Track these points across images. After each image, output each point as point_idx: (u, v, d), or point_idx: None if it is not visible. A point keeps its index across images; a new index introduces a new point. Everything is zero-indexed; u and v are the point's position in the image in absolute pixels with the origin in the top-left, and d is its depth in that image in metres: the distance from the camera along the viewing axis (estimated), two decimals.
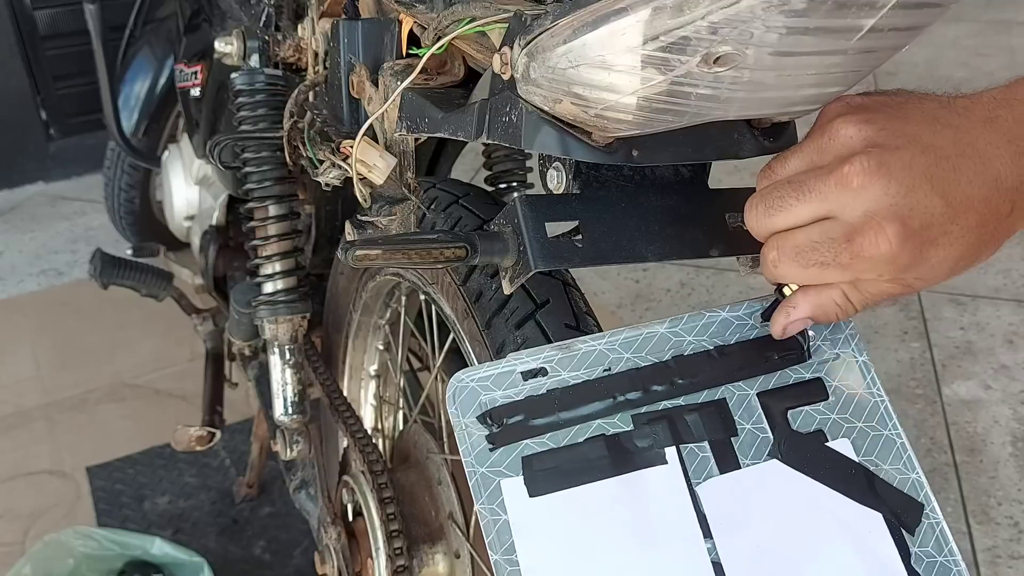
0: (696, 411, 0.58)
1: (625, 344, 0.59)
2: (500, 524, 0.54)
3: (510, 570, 0.53)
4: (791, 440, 0.58)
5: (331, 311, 1.19)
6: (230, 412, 1.50)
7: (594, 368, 0.58)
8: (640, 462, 0.56)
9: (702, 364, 0.59)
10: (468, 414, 0.56)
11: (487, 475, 0.55)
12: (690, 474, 0.56)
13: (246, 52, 1.05)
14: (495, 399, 0.56)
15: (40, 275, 2.50)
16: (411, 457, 1.05)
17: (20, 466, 1.80)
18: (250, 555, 1.60)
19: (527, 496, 0.54)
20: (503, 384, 0.57)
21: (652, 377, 0.58)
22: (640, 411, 0.57)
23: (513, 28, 0.56)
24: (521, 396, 0.57)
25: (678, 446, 0.57)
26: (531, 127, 0.57)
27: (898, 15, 0.47)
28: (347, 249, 0.63)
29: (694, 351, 0.60)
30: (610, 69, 0.49)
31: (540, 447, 0.55)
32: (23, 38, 2.65)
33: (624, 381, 0.58)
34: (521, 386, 0.57)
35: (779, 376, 0.60)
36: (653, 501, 0.55)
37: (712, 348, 0.60)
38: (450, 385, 0.57)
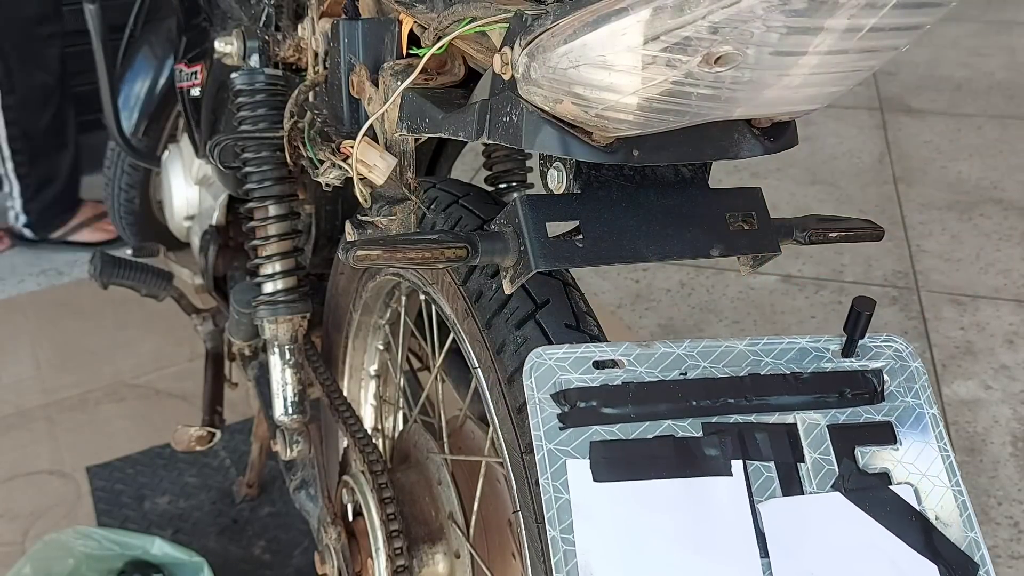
0: (766, 431, 0.58)
1: (703, 353, 0.60)
2: (561, 502, 0.54)
3: (566, 548, 0.53)
4: (856, 477, 0.58)
5: (331, 311, 1.19)
6: (230, 412, 1.50)
7: (670, 371, 0.59)
8: (706, 469, 0.57)
9: (777, 386, 0.60)
10: (543, 390, 0.57)
11: (554, 452, 0.55)
12: (753, 490, 0.57)
13: (246, 52, 1.05)
14: (570, 381, 0.57)
15: (40, 275, 2.50)
16: (411, 457, 1.05)
17: (20, 466, 1.80)
18: (250, 555, 1.60)
19: (591, 480, 0.55)
20: (579, 368, 0.58)
21: (727, 389, 0.59)
22: (711, 420, 0.58)
23: (514, 28, 0.56)
24: (596, 383, 0.58)
25: (744, 461, 0.57)
26: (532, 127, 0.57)
27: (898, 15, 0.47)
28: (347, 249, 0.63)
29: (771, 372, 0.60)
30: (611, 69, 0.49)
31: (609, 435, 0.56)
32: None
33: (699, 388, 0.59)
34: (597, 373, 0.58)
35: (850, 413, 0.60)
36: (714, 509, 0.56)
37: (788, 373, 0.60)
38: (528, 360, 0.58)
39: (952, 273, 2.38)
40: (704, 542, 0.55)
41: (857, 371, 0.61)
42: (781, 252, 0.68)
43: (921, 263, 2.43)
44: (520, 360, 0.72)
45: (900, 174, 2.93)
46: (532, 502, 0.71)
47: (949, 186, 2.84)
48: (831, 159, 3.04)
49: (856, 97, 3.49)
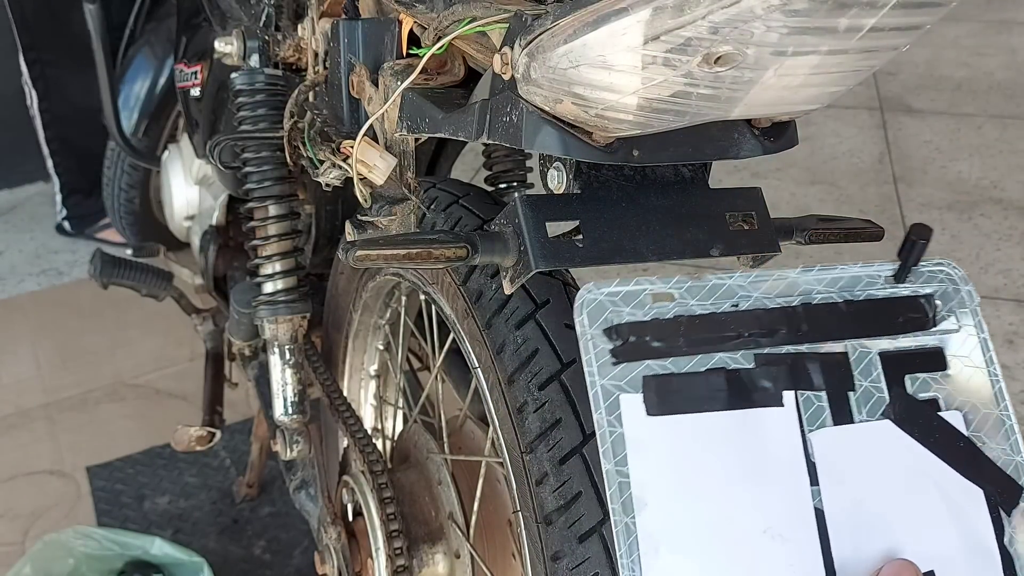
0: (817, 360, 0.59)
1: (755, 283, 0.60)
2: (615, 436, 0.55)
3: (620, 481, 0.54)
4: (905, 404, 0.59)
5: (331, 311, 1.19)
6: (230, 412, 1.50)
7: (721, 302, 0.59)
8: (758, 400, 0.57)
9: (829, 315, 0.60)
10: (595, 326, 0.57)
11: (607, 387, 0.56)
12: (804, 420, 0.57)
13: (246, 52, 1.05)
14: (622, 316, 0.57)
15: (40, 275, 2.50)
16: (411, 457, 1.05)
17: (20, 466, 1.80)
18: (250, 555, 1.60)
19: (644, 414, 0.56)
20: (631, 302, 0.58)
21: (778, 319, 0.59)
22: (763, 351, 0.58)
23: (514, 28, 0.56)
24: (647, 318, 0.58)
25: (796, 391, 0.58)
26: (532, 127, 0.57)
27: (898, 15, 0.47)
28: (347, 249, 0.63)
29: (822, 301, 0.61)
30: (611, 69, 0.49)
31: (661, 369, 0.57)
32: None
33: (750, 319, 0.59)
34: (648, 307, 0.58)
35: (901, 339, 0.61)
36: (765, 440, 0.56)
37: (840, 300, 0.61)
38: (579, 296, 0.58)
39: None
40: (755, 473, 0.56)
41: (909, 296, 0.61)
42: (781, 252, 0.68)
43: None
44: (520, 360, 0.72)
45: (900, 174, 2.93)
46: (532, 502, 0.71)
47: (949, 186, 2.84)
48: (831, 159, 3.04)
49: (856, 97, 3.49)
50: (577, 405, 0.70)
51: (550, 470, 0.69)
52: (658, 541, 0.53)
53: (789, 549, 0.54)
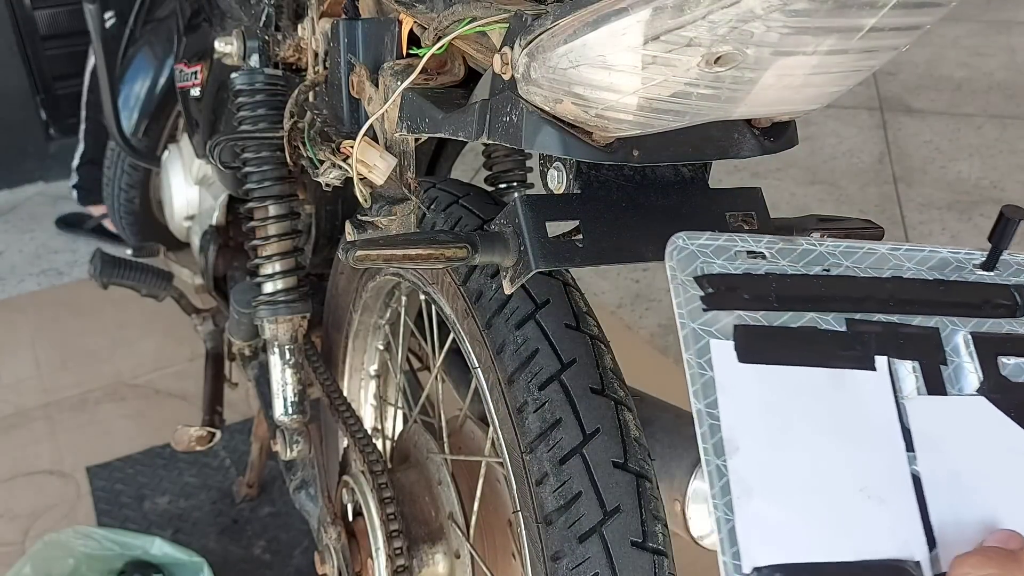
0: (909, 331, 0.59)
1: (846, 253, 0.60)
2: (705, 379, 0.55)
3: (711, 422, 0.54)
4: (999, 383, 0.59)
5: (331, 311, 1.19)
6: (230, 412, 1.50)
7: (812, 266, 0.59)
8: (850, 362, 0.57)
9: (920, 290, 0.60)
10: (685, 272, 0.57)
11: (698, 331, 0.56)
12: (897, 387, 0.57)
13: (246, 52, 1.04)
14: (712, 266, 0.57)
15: (40, 275, 2.50)
16: (411, 457, 1.05)
17: (20, 466, 1.80)
18: (250, 555, 1.60)
19: (735, 360, 0.55)
20: (721, 256, 0.58)
21: (870, 288, 0.59)
22: (854, 316, 0.58)
23: (514, 28, 0.56)
24: (738, 271, 0.58)
25: (888, 358, 0.58)
26: (532, 127, 0.57)
27: (898, 15, 0.47)
28: (348, 249, 0.63)
29: (912, 276, 0.60)
30: (611, 69, 0.49)
31: (752, 321, 0.56)
32: (23, 38, 2.65)
33: (842, 284, 0.59)
34: (739, 262, 0.58)
35: (992, 323, 0.60)
36: (859, 402, 0.56)
37: (931, 279, 0.61)
38: (670, 243, 0.58)
39: None
40: (849, 429, 0.55)
41: (999, 284, 0.61)
42: None
43: None
44: (520, 360, 0.72)
45: (900, 174, 2.93)
46: (532, 502, 0.71)
47: (949, 186, 2.84)
48: (831, 159, 3.04)
49: (856, 97, 3.49)
50: (577, 405, 0.70)
51: (550, 470, 0.69)
52: (751, 486, 0.52)
53: (887, 510, 0.54)
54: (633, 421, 0.72)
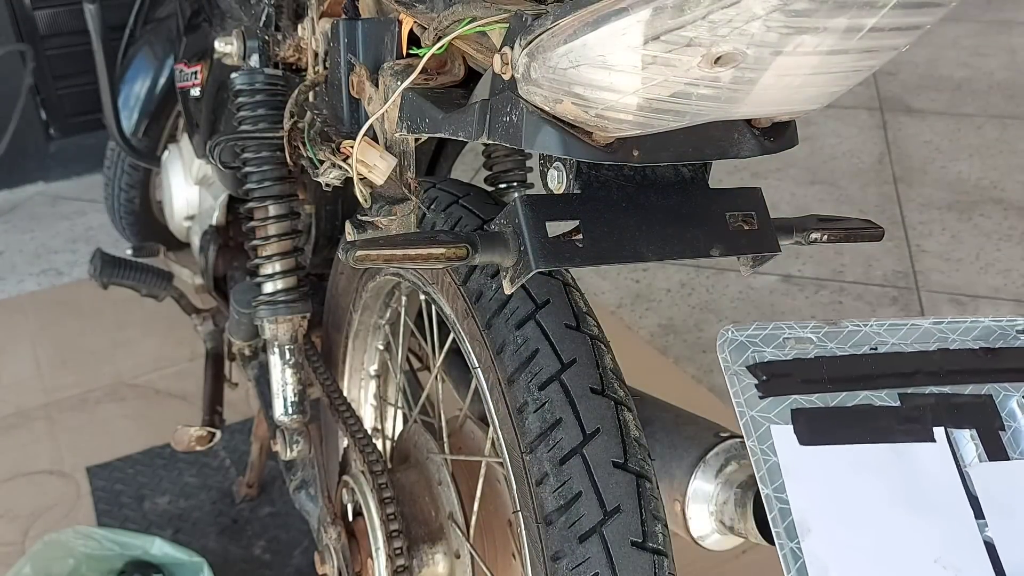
0: (963, 401, 0.59)
1: (891, 330, 0.61)
2: (771, 464, 0.56)
3: (780, 506, 0.55)
4: None
5: (331, 311, 1.19)
6: (230, 412, 1.50)
7: (860, 347, 0.60)
8: (908, 435, 0.58)
9: (968, 359, 0.61)
10: (738, 363, 0.58)
11: (757, 419, 0.57)
12: (959, 455, 0.58)
13: (246, 52, 1.04)
14: (764, 355, 0.59)
15: (40, 275, 2.50)
16: (411, 457, 1.05)
17: (20, 466, 1.80)
18: (250, 555, 1.60)
19: (797, 444, 0.56)
20: (771, 343, 0.59)
21: (919, 362, 0.60)
22: (907, 391, 0.59)
23: (514, 28, 0.56)
24: (789, 357, 0.59)
25: (946, 428, 0.58)
26: (532, 127, 0.57)
27: (899, 15, 0.47)
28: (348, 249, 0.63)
29: (959, 347, 0.61)
30: (611, 69, 0.49)
31: (808, 404, 0.57)
32: (23, 38, 2.65)
33: (891, 361, 0.60)
34: (789, 349, 0.59)
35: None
36: (923, 473, 0.57)
37: (978, 348, 0.61)
38: (720, 336, 0.59)
39: (952, 273, 2.38)
40: (917, 503, 0.56)
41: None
42: (781, 252, 0.68)
43: (921, 263, 2.43)
44: (520, 360, 0.72)
45: (900, 174, 2.93)
46: (532, 502, 0.71)
47: (949, 186, 2.84)
48: (831, 159, 3.04)
49: (856, 97, 3.49)
50: (577, 405, 0.70)
51: (550, 470, 0.69)
52: (826, 566, 0.53)
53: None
54: (633, 421, 0.72)
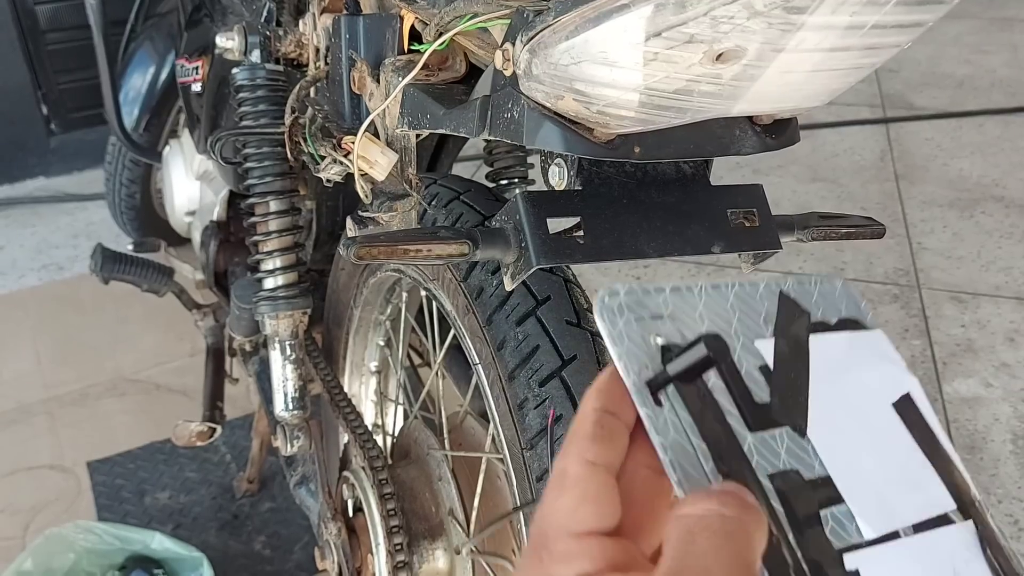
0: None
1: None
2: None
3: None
4: None
5: (332, 307, 1.19)
6: (231, 408, 1.50)
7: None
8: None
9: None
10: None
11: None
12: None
13: (247, 47, 1.04)
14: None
15: (41, 270, 2.50)
16: (412, 453, 1.05)
17: (21, 460, 1.80)
18: (250, 550, 1.60)
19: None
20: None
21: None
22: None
23: (515, 24, 0.56)
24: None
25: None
26: (533, 123, 0.57)
27: (900, 12, 0.47)
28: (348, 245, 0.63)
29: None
30: (612, 66, 0.49)
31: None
32: (24, 32, 2.65)
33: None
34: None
35: None
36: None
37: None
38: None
39: (953, 270, 2.38)
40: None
41: None
42: (782, 249, 0.68)
43: (922, 260, 2.43)
44: (521, 357, 0.72)
45: (901, 171, 2.93)
46: (533, 498, 0.71)
47: (950, 183, 2.84)
48: (832, 156, 3.04)
49: (858, 94, 3.49)
50: (578, 401, 0.70)
51: (550, 466, 0.69)
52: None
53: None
54: None
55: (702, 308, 0.44)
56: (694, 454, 0.38)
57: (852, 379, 0.46)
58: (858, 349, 0.48)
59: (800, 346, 0.45)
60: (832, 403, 0.45)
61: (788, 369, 0.44)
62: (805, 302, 0.47)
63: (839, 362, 0.46)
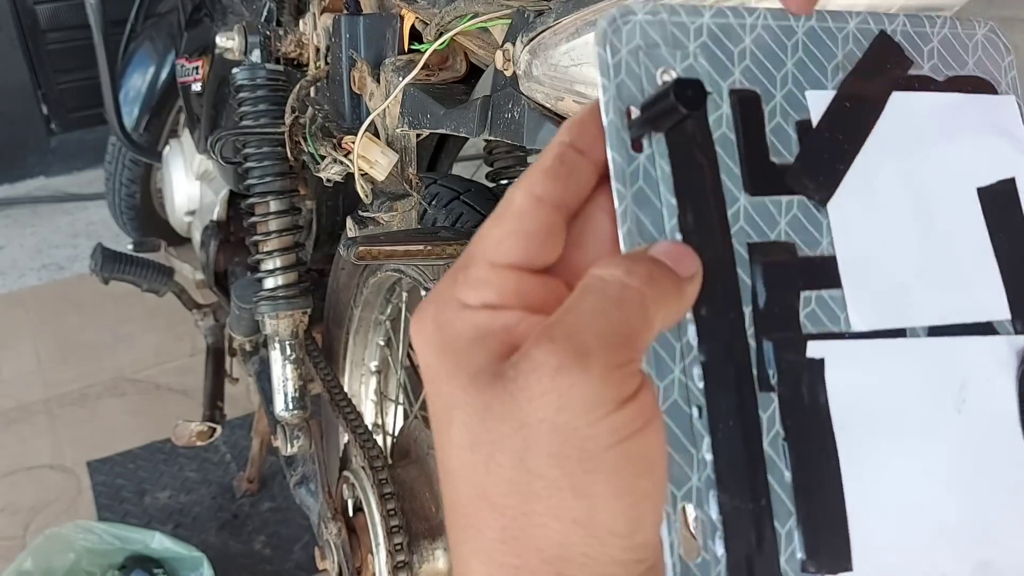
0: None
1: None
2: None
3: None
4: None
5: (332, 307, 1.19)
6: (231, 407, 1.50)
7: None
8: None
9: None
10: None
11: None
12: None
13: (247, 47, 1.04)
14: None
15: (41, 270, 2.50)
16: (412, 453, 1.05)
17: (21, 460, 1.80)
18: (250, 550, 1.60)
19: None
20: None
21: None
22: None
23: (516, 25, 0.56)
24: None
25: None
26: (533, 124, 0.57)
27: None
28: (349, 245, 0.63)
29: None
30: None
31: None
32: (24, 32, 2.65)
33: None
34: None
35: None
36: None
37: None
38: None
39: None
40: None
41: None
42: None
43: None
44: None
45: None
46: None
47: None
48: None
49: None
50: None
51: None
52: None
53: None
54: None
55: (749, 44, 0.36)
56: (659, 208, 0.33)
57: (935, 151, 0.38)
58: (965, 116, 0.40)
59: (870, 103, 0.38)
60: (887, 175, 0.37)
61: (836, 128, 0.37)
62: (914, 49, 0.39)
63: (926, 128, 0.39)
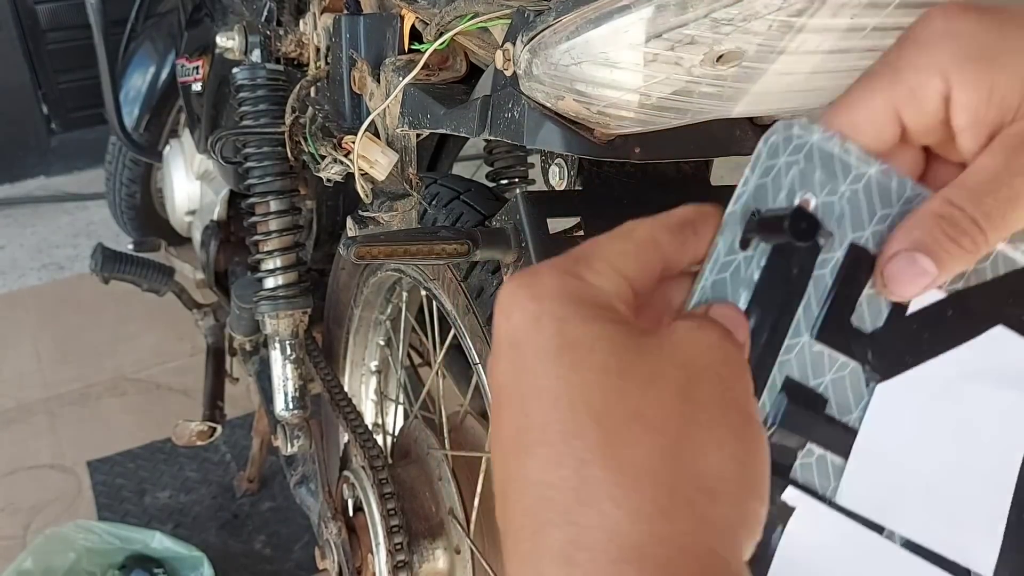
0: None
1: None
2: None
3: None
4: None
5: (332, 306, 1.19)
6: (231, 407, 1.50)
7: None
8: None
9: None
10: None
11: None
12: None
13: (248, 47, 1.04)
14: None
15: (41, 269, 2.50)
16: (412, 453, 1.05)
17: (21, 460, 1.80)
18: (250, 550, 1.60)
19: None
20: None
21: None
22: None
23: (516, 24, 0.56)
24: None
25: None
26: (533, 123, 0.57)
27: (901, 14, 0.47)
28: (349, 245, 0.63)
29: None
30: (613, 66, 0.49)
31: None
32: (24, 32, 2.65)
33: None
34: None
35: None
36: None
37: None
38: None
39: None
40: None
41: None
42: None
43: None
44: None
45: None
46: None
47: None
48: None
49: None
50: None
51: None
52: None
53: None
54: None
55: (895, 213, 0.35)
56: (728, 296, 0.34)
57: (1009, 396, 0.37)
58: None
59: (972, 322, 0.36)
60: (949, 391, 0.36)
61: (927, 327, 0.36)
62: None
63: (1010, 374, 0.36)
